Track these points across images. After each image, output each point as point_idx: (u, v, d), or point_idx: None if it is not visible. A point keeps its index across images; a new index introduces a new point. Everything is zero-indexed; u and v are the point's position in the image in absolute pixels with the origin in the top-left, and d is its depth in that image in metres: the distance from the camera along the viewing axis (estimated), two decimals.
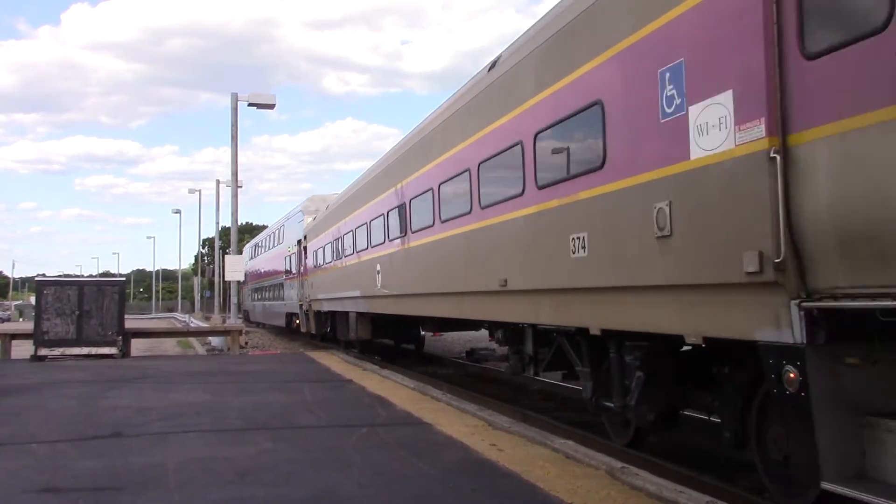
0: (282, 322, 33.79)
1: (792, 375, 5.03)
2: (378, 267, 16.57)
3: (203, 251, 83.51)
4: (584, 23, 7.68)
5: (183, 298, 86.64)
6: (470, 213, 10.89)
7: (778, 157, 5.04)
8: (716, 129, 5.69)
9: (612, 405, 7.80)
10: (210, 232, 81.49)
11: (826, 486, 4.86)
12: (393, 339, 21.61)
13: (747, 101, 5.33)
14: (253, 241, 48.92)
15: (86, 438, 8.21)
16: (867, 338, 4.83)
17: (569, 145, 8.11)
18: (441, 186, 12.21)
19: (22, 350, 20.72)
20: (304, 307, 27.66)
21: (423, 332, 20.12)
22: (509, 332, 10.40)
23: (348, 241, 20.06)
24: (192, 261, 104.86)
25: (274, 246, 37.04)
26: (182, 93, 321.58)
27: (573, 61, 7.78)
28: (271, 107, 26.95)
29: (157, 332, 28.10)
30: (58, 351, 19.71)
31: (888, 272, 4.34)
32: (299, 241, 29.13)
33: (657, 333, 6.63)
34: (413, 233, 13.95)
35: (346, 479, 6.19)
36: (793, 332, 4.98)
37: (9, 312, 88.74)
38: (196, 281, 71.08)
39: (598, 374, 8.22)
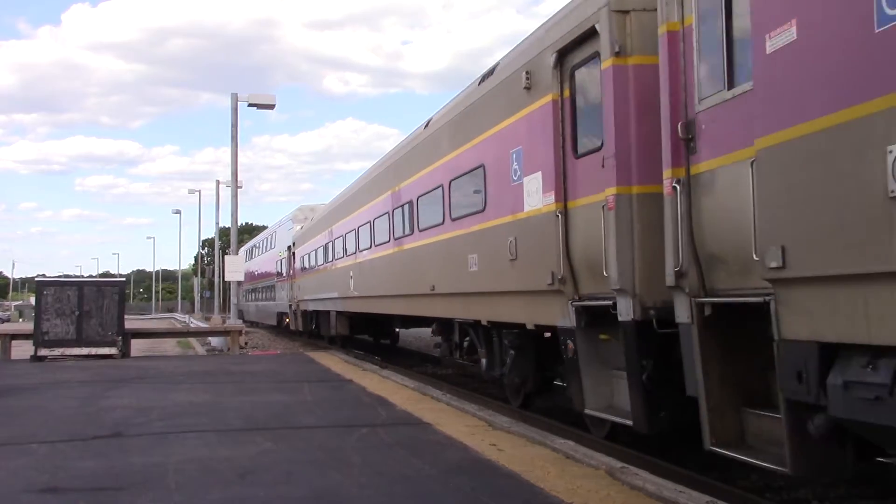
0: (273, 321, 36.59)
1: (570, 346, 8.19)
2: (351, 273, 19.76)
3: (203, 251, 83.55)
4: (475, 110, 11.05)
5: (183, 299, 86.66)
6: (412, 234, 14.10)
7: (560, 216, 8.20)
8: (535, 194, 8.83)
9: (495, 374, 10.91)
10: (210, 232, 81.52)
11: (587, 412, 8.17)
12: (371, 335, 24.23)
13: (548, 179, 8.50)
14: (248, 245, 49.89)
15: (86, 438, 8.21)
16: (611, 322, 7.47)
17: (468, 192, 11.26)
18: (394, 211, 15.49)
19: (22, 350, 20.72)
20: (293, 307, 30.15)
21: (397, 329, 22.65)
22: (441, 325, 13.63)
23: (329, 249, 23.12)
24: (192, 261, 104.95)
25: (267, 250, 39.64)
26: (182, 93, 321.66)
27: (469, 135, 11.15)
28: (271, 107, 26.98)
29: (157, 332, 28.10)
30: (58, 351, 19.72)
31: (601, 285, 7.51)
32: (289, 247, 31.77)
33: (517, 323, 9.64)
34: (376, 246, 17.16)
35: (346, 479, 6.19)
36: (570, 320, 8.10)
37: (9, 313, 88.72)
38: (196, 281, 71.12)
39: (491, 353, 11.02)
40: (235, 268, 27.00)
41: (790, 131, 5.01)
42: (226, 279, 29.21)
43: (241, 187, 29.55)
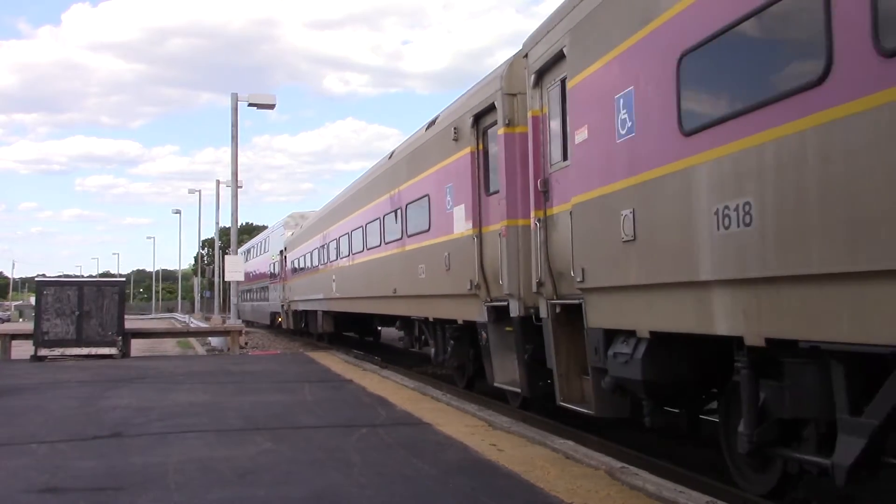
0: (267, 320, 39.26)
1: (484, 335, 10.91)
2: (334, 277, 22.52)
3: (203, 251, 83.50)
4: (422, 150, 13.90)
5: (183, 299, 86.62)
6: (380, 245, 16.92)
7: (476, 238, 10.96)
8: (461, 220, 11.61)
9: (439, 360, 13.80)
10: (210, 232, 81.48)
11: (496, 384, 10.79)
12: (356, 333, 26.67)
13: (468, 210, 11.28)
14: (244, 247, 51.12)
15: (86, 438, 8.22)
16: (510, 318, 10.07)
17: (419, 214, 14.00)
18: (367, 225, 18.25)
19: (22, 350, 20.72)
20: (285, 307, 32.90)
21: (378, 328, 25.24)
22: (403, 322, 16.60)
23: (315, 255, 25.92)
24: (192, 261, 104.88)
25: (261, 253, 41.90)
26: (182, 93, 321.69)
27: (419, 169, 14.03)
28: (271, 107, 26.96)
29: (157, 332, 28.10)
30: (58, 351, 19.72)
31: (501, 291, 10.03)
32: (281, 251, 34.32)
33: (452, 319, 12.41)
34: (353, 254, 19.91)
35: (346, 479, 6.19)
36: (483, 316, 10.78)
37: (9, 313, 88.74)
38: (196, 281, 71.10)
39: (437, 343, 13.84)
40: (235, 268, 26.97)
41: (585, 195, 7.69)
42: (226, 279, 29.18)
43: (241, 187, 29.56)
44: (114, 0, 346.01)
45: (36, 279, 24.05)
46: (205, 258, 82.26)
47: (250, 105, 26.41)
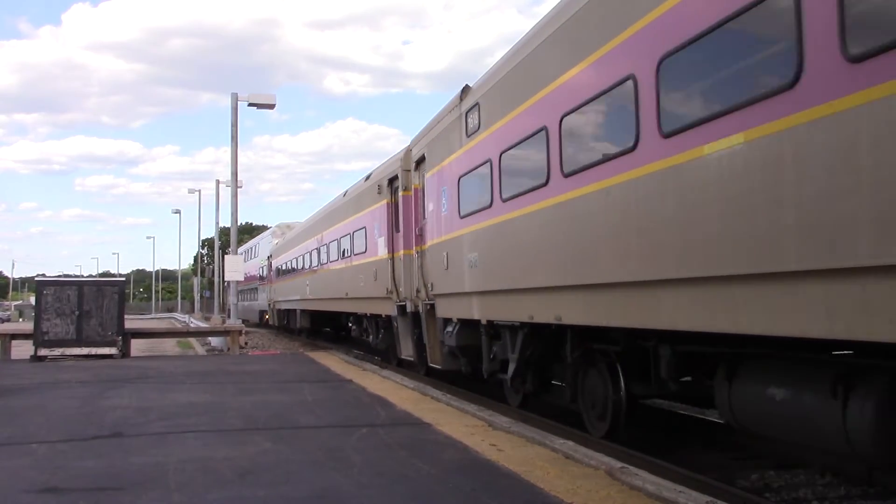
0: (256, 318, 44.76)
1: (395, 324, 16.10)
2: (307, 282, 27.69)
3: (203, 251, 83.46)
4: (361, 195, 19.19)
5: (183, 299, 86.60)
6: (337, 260, 22.41)
7: (390, 260, 16.01)
8: (382, 247, 16.71)
9: (372, 343, 19.57)
10: (210, 232, 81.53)
11: (402, 357, 16.23)
12: (331, 329, 30.11)
13: (386, 242, 16.42)
14: (239, 250, 52.94)
15: (86, 438, 8.22)
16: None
17: (360, 240, 19.10)
18: (329, 244, 23.66)
19: (22, 350, 20.73)
20: (271, 306, 39.16)
21: (350, 325, 28.66)
22: (354, 317, 22.05)
23: (294, 263, 31.09)
24: (192, 261, 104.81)
25: (252, 258, 47.26)
26: (183, 93, 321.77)
27: (360, 208, 19.20)
28: (271, 107, 26.94)
29: (157, 332, 28.10)
30: (58, 351, 19.72)
31: (402, 296, 15.44)
32: (268, 257, 39.87)
33: (381, 314, 17.52)
34: (320, 265, 25.24)
35: (346, 479, 6.19)
36: (395, 312, 15.87)
37: (9, 313, 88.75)
38: (196, 281, 71.11)
39: (374, 332, 19.30)
40: (235, 267, 26.95)
41: (429, 244, 13.33)
42: (226, 279, 29.17)
43: (241, 187, 29.56)
44: (114, 0, 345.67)
45: (36, 279, 24.03)
46: (205, 258, 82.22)
47: (250, 105, 26.40)
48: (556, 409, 10.42)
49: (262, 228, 71.75)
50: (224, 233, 61.35)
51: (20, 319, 79.54)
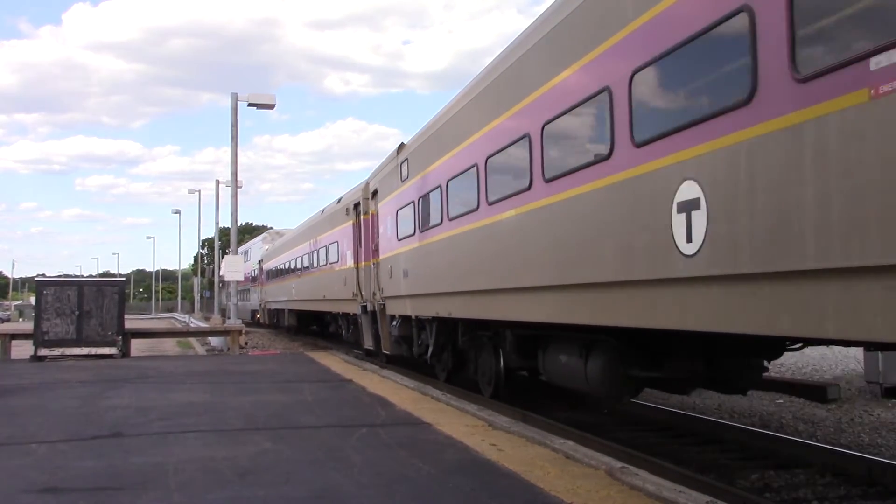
0: (248, 317, 47.99)
1: (359, 321, 20.29)
2: (293, 285, 32.24)
3: (203, 251, 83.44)
4: (332, 215, 23.95)
5: (183, 299, 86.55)
6: (316, 267, 26.49)
7: (356, 269, 19.97)
8: (349, 259, 20.91)
9: (344, 336, 25.15)
10: (210, 232, 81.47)
11: (365, 347, 19.82)
12: (317, 327, 33.19)
13: (353, 254, 20.56)
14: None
15: (86, 438, 8.21)
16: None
17: (333, 252, 23.39)
18: (311, 253, 27.64)
19: (22, 350, 20.73)
20: (262, 306, 43.50)
21: (328, 321, 31.43)
22: (332, 317, 26.74)
23: (283, 267, 35.54)
24: (192, 261, 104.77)
25: (245, 262, 49.34)
26: (183, 93, 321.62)
27: (333, 225, 23.53)
28: (271, 107, 26.94)
29: (157, 332, 28.09)
30: (58, 351, 19.71)
31: (364, 298, 19.32)
32: (259, 262, 44.57)
33: (350, 312, 21.92)
34: (302, 270, 29.62)
35: (345, 479, 6.19)
36: (359, 310, 19.86)
37: (9, 313, 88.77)
38: (196, 281, 71.08)
39: (346, 327, 24.30)
40: (235, 267, 26.94)
41: (381, 258, 17.10)
42: (226, 279, 29.18)
43: (241, 187, 29.52)
44: (114, 0, 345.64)
45: (36, 279, 24.03)
46: (204, 258, 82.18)
47: (250, 105, 26.39)
48: (472, 382, 13.65)
49: (263, 228, 72.14)
50: (224, 233, 61.35)
51: (20, 319, 79.56)
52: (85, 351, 19.71)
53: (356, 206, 19.80)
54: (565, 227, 8.20)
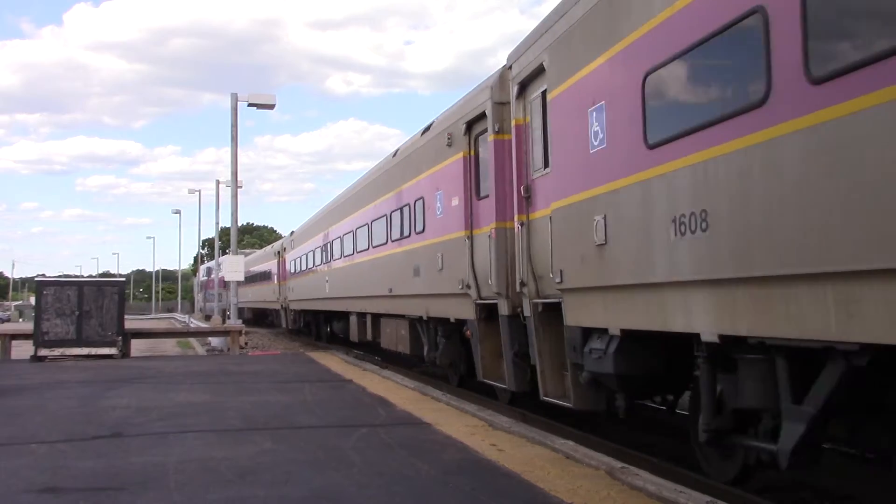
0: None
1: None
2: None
3: (203, 251, 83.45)
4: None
5: (183, 299, 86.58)
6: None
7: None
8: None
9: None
10: (210, 232, 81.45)
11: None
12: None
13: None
14: (216, 262, 57.02)
15: (86, 438, 8.21)
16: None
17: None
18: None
19: (22, 350, 20.71)
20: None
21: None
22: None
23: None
24: (192, 261, 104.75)
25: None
26: (184, 93, 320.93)
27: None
28: (271, 107, 26.93)
29: (157, 332, 28.10)
30: (58, 351, 19.69)
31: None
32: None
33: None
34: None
35: (345, 479, 6.19)
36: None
37: (9, 313, 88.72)
38: (196, 281, 71.06)
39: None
40: (235, 268, 26.91)
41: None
42: (226, 279, 29.13)
43: (241, 187, 29.48)
44: (115, 0, 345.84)
45: (36, 279, 24.03)
46: (205, 258, 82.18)
47: (250, 105, 26.37)
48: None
49: (263, 228, 71.93)
50: (224, 233, 61.37)
51: (20, 319, 79.51)
52: (85, 351, 19.68)
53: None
54: None
